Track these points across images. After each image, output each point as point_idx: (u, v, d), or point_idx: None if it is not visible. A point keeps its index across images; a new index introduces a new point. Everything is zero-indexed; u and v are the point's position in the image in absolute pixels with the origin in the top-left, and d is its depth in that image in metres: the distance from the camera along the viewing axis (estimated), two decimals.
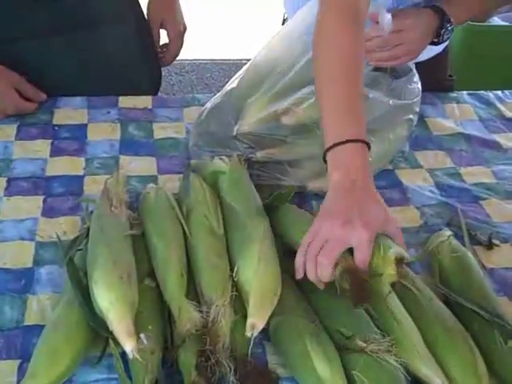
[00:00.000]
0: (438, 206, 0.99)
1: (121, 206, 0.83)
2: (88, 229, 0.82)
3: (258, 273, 0.73)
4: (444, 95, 1.25)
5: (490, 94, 1.27)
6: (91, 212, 0.86)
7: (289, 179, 0.94)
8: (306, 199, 0.97)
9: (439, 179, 1.04)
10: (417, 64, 1.20)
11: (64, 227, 0.89)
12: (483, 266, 0.88)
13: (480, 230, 0.94)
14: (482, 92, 1.27)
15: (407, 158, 1.08)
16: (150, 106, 1.15)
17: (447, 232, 0.89)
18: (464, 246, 0.89)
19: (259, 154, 0.91)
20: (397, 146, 1.06)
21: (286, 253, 0.80)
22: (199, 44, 2.65)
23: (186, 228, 0.79)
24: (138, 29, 1.27)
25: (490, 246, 0.92)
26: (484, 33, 2.24)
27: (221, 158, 0.89)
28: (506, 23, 2.55)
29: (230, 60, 2.83)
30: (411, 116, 1.07)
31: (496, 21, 2.37)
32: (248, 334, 0.70)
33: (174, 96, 1.21)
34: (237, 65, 2.76)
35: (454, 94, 1.26)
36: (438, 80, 1.33)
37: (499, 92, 1.28)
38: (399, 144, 1.06)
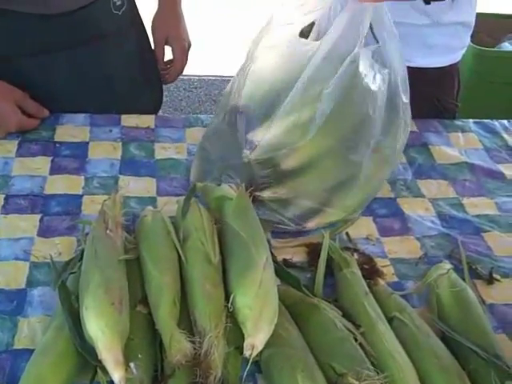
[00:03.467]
0: (438, 237, 0.97)
1: (117, 229, 0.82)
2: (82, 251, 0.81)
3: (258, 297, 0.72)
4: (449, 123, 1.24)
5: (496, 123, 1.26)
6: (87, 234, 0.85)
7: (288, 214, 0.93)
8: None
9: (441, 209, 1.03)
10: (420, 73, 1.20)
11: (60, 248, 0.88)
12: (483, 301, 0.86)
13: (481, 264, 0.93)
14: (488, 121, 1.26)
15: (409, 187, 1.07)
16: (152, 126, 1.15)
17: (447, 265, 0.88)
18: (464, 279, 0.88)
19: (266, 194, 0.91)
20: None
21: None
22: (207, 60, 2.65)
23: (181, 254, 0.78)
24: (140, 46, 1.27)
25: (490, 280, 0.90)
26: (493, 58, 2.24)
27: (229, 185, 0.88)
28: None
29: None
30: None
31: (506, 46, 2.37)
32: (247, 354, 0.69)
33: (177, 115, 1.18)
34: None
35: (459, 122, 1.25)
36: (440, 99, 1.33)
37: (505, 121, 1.26)
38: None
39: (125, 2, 1.21)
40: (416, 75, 1.21)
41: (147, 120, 1.16)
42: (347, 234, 0.96)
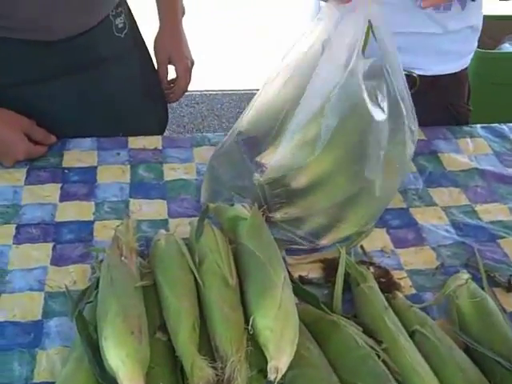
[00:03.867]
0: (454, 246, 0.97)
1: (131, 255, 0.81)
2: (98, 279, 0.80)
3: (278, 318, 0.71)
4: (458, 129, 1.24)
5: (505, 127, 1.25)
6: (101, 261, 0.85)
7: (300, 233, 0.92)
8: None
9: (455, 217, 1.02)
10: (433, 81, 1.23)
11: (74, 276, 0.88)
12: (503, 310, 0.85)
13: (498, 271, 0.92)
14: (496, 125, 1.26)
15: (421, 196, 1.07)
16: (159, 147, 1.14)
17: (465, 275, 0.87)
18: (483, 288, 0.87)
19: (278, 215, 0.90)
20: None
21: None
22: (209, 75, 2.65)
23: (198, 278, 0.77)
24: (143, 67, 1.26)
25: (509, 287, 0.89)
26: (495, 60, 2.23)
27: (242, 205, 0.87)
28: None
29: (240, 90, 2.83)
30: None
31: (506, 47, 2.36)
32: (271, 377, 0.67)
33: (182, 134, 1.17)
34: (247, 95, 2.76)
35: (467, 128, 1.25)
36: (454, 104, 1.33)
37: None
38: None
39: (126, 24, 1.21)
40: (430, 83, 1.22)
41: (154, 141, 1.16)
42: (362, 247, 0.95)
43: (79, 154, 1.11)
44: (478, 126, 1.25)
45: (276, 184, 0.90)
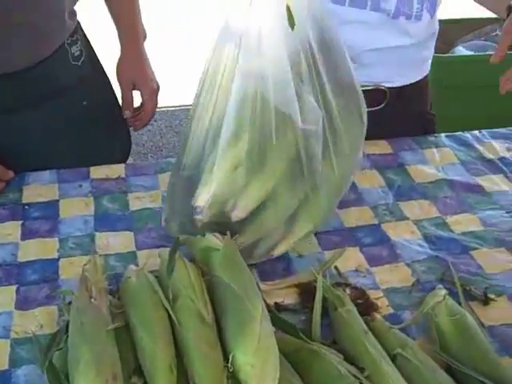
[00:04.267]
0: (428, 260, 0.96)
1: (101, 296, 0.78)
2: (67, 323, 0.77)
3: (259, 352, 0.69)
4: (423, 140, 1.23)
5: (468, 135, 1.25)
6: (69, 302, 0.81)
7: (256, 252, 0.91)
8: (288, 263, 0.94)
9: (427, 231, 1.01)
10: (400, 91, 1.24)
11: (40, 320, 0.84)
12: (482, 325, 0.85)
13: (474, 284, 0.91)
14: (460, 133, 1.26)
15: (392, 211, 1.06)
16: (123, 175, 1.11)
17: (442, 291, 0.86)
18: (459, 303, 0.86)
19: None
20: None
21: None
22: (166, 91, 2.62)
23: (173, 316, 0.75)
24: (104, 94, 1.23)
25: (485, 301, 0.89)
26: (448, 64, 2.25)
27: (214, 235, 0.85)
28: (471, 52, 2.57)
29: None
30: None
31: (459, 50, 2.38)
32: None
33: (144, 156, 1.15)
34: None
35: (432, 138, 1.24)
36: (420, 112, 1.34)
37: (476, 132, 1.26)
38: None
39: (83, 52, 1.18)
40: (396, 95, 1.22)
41: (117, 170, 1.12)
42: (336, 268, 0.94)
43: (39, 189, 1.08)
44: (443, 135, 1.25)
45: (219, 219, 0.87)
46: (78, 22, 1.20)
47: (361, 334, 0.79)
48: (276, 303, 0.88)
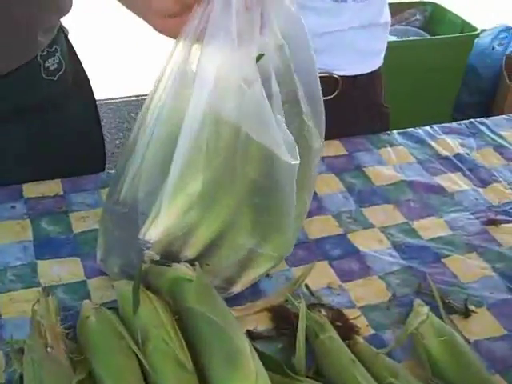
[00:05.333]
0: (401, 272, 0.91)
1: (58, 343, 0.68)
2: (20, 377, 0.67)
3: None
4: (376, 138, 1.19)
5: (420, 131, 1.22)
6: (19, 350, 0.71)
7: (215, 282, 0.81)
8: (255, 284, 0.87)
9: (395, 239, 0.96)
10: (354, 81, 1.23)
11: None
12: (467, 341, 0.80)
13: (451, 296, 0.87)
14: (412, 130, 1.22)
15: (356, 218, 1.00)
16: (61, 192, 1.00)
17: (424, 308, 0.81)
18: (440, 317, 0.82)
19: None
20: None
21: None
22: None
23: (145, 363, 0.66)
24: (81, 110, 1.11)
25: (466, 313, 0.85)
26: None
27: (184, 264, 0.76)
28: (394, 37, 2.57)
29: (118, 98, 2.65)
30: None
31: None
32: None
33: (86, 176, 1.03)
34: (126, 103, 2.60)
35: (385, 136, 1.20)
36: (375, 103, 1.32)
37: (428, 128, 1.23)
38: None
39: (63, 65, 1.04)
40: (351, 83, 1.19)
41: (53, 186, 1.01)
42: (307, 286, 0.87)
43: None
44: (395, 132, 1.21)
45: (170, 255, 0.78)
46: (62, 31, 1.06)
47: (348, 363, 0.73)
48: (248, 331, 0.80)
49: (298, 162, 0.74)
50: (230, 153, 0.73)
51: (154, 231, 0.77)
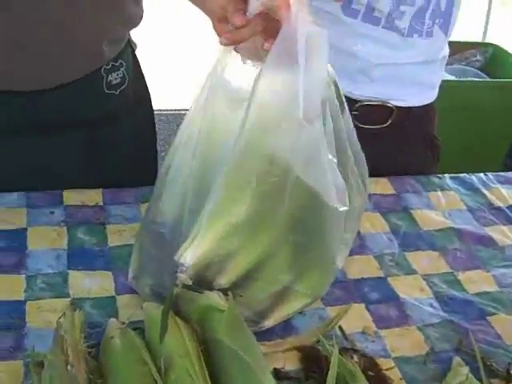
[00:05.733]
0: (442, 325, 0.86)
1: (79, 362, 0.66)
2: None
3: None
4: (425, 180, 1.15)
5: (474, 178, 1.17)
6: (39, 363, 0.69)
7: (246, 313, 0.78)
8: (287, 320, 0.83)
9: (438, 289, 0.92)
10: (409, 112, 1.20)
11: (3, 377, 0.71)
12: None
13: (493, 357, 0.82)
14: (465, 175, 1.18)
15: (398, 262, 0.96)
16: (100, 203, 0.99)
17: (463, 368, 0.77)
18: (480, 380, 0.77)
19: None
20: None
21: None
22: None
23: None
24: (139, 127, 1.11)
25: (508, 378, 0.80)
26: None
27: (217, 292, 0.73)
28: (452, 77, 2.52)
29: (168, 111, 2.65)
30: None
31: (444, 76, 2.33)
32: None
33: (127, 188, 1.01)
34: (175, 116, 2.60)
35: (435, 179, 1.16)
36: (427, 135, 1.29)
37: (482, 175, 1.18)
38: None
39: (126, 80, 1.03)
40: (405, 114, 1.16)
41: (94, 196, 0.99)
42: (341, 329, 0.83)
43: (4, 213, 0.94)
44: (447, 176, 1.17)
45: (203, 281, 0.75)
46: (129, 45, 1.05)
47: None
48: (275, 369, 0.77)
49: (346, 208, 0.71)
50: (278, 189, 0.71)
51: (191, 254, 0.75)
